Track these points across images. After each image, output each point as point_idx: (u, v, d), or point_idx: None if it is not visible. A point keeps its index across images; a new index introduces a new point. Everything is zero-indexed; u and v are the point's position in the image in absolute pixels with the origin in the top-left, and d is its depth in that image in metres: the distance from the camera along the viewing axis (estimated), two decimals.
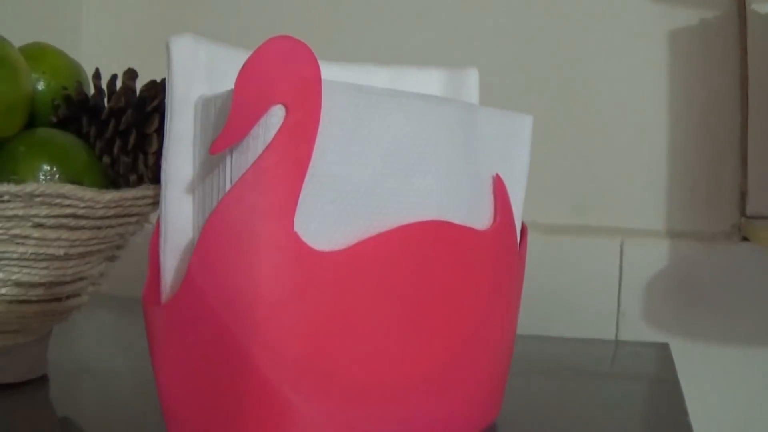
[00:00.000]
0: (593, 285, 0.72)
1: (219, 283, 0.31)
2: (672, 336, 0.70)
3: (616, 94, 0.74)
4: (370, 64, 0.44)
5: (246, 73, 0.31)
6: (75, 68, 0.46)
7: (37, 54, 0.45)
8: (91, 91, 0.46)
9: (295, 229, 0.31)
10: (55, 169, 0.39)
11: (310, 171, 0.31)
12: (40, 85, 0.45)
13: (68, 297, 0.42)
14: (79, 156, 0.40)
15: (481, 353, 0.37)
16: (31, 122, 0.43)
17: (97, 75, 0.45)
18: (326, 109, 0.31)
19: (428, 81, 0.45)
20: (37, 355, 0.45)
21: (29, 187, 0.35)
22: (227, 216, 0.31)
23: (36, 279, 0.39)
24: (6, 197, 0.35)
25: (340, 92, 0.32)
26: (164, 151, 0.34)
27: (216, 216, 0.31)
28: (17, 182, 0.35)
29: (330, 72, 0.35)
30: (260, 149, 0.31)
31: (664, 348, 0.64)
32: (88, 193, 0.37)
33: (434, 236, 0.34)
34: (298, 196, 0.31)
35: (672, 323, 0.70)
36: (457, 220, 0.35)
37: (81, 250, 0.40)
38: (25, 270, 0.39)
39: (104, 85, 0.45)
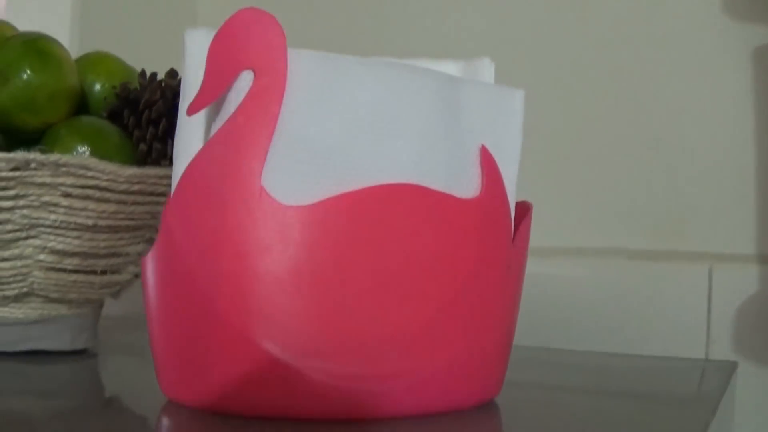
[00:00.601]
0: (680, 312, 0.70)
1: (191, 235, 0.34)
2: (763, 365, 0.66)
3: (699, 114, 0.72)
4: (385, 57, 0.47)
5: (217, 41, 0.34)
6: (128, 71, 0.52)
7: (96, 60, 0.52)
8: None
9: (264, 185, 0.33)
10: (86, 148, 0.44)
11: (279, 131, 0.34)
12: (97, 86, 0.51)
13: (103, 272, 0.47)
14: (111, 138, 0.45)
15: (465, 322, 0.37)
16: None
17: (142, 74, 0.50)
18: (293, 74, 0.34)
19: (445, 70, 0.46)
20: (80, 327, 0.50)
21: (54, 157, 0.40)
22: (199, 171, 0.34)
23: (70, 248, 0.44)
24: (33, 164, 0.40)
25: (307, 58, 0.34)
26: (176, 130, 0.38)
27: (189, 171, 0.35)
28: (44, 152, 0.40)
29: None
30: (232, 111, 0.34)
31: (730, 366, 0.60)
32: (109, 167, 0.42)
33: (406, 198, 0.35)
34: (266, 154, 0.34)
35: (764, 352, 0.67)
36: (434, 186, 0.36)
37: (110, 222, 0.44)
38: (59, 238, 0.43)
39: None
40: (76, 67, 0.47)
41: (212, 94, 0.34)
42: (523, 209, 0.41)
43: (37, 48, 0.44)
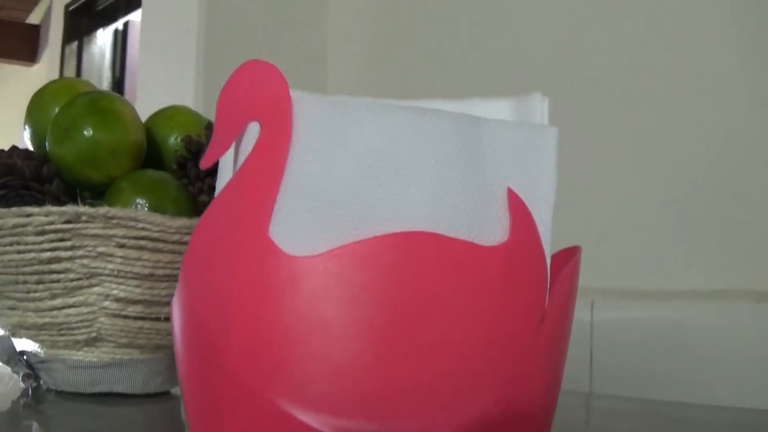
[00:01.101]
0: None
1: (204, 284, 0.34)
2: None
3: None
4: (438, 99, 0.45)
5: (224, 93, 0.35)
6: (201, 123, 0.54)
7: (171, 113, 0.54)
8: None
9: (273, 235, 0.33)
10: (144, 201, 0.45)
11: (287, 180, 0.34)
12: (171, 140, 0.53)
13: (167, 318, 0.48)
14: (170, 191, 0.47)
15: (487, 378, 0.35)
16: (162, 167, 0.52)
17: (208, 126, 0.52)
18: (299, 122, 0.34)
19: (495, 111, 0.44)
20: (154, 371, 0.52)
21: (103, 210, 0.42)
22: (212, 221, 0.35)
23: (131, 296, 0.46)
24: (85, 217, 0.42)
25: (312, 106, 0.34)
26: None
27: (204, 220, 0.35)
28: (93, 205, 0.42)
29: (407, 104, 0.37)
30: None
31: None
32: (158, 218, 0.43)
33: (419, 247, 0.34)
34: (273, 204, 0.33)
35: None
36: (453, 233, 0.34)
37: (167, 271, 0.46)
38: (121, 286, 0.45)
39: None
40: (140, 123, 0.50)
41: (222, 146, 0.35)
42: (566, 256, 0.38)
43: (99, 106, 0.47)
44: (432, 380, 0.33)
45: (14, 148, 0.48)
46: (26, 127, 0.51)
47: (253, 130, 0.35)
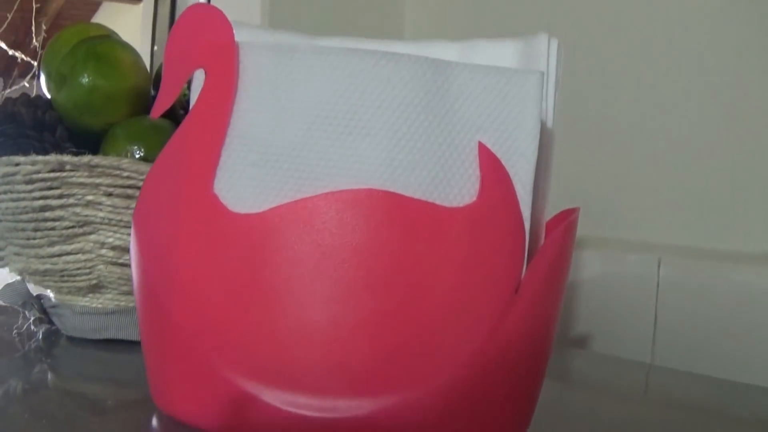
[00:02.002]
0: None
1: (149, 240, 0.33)
2: None
3: None
4: (442, 40, 0.42)
5: (171, 41, 0.33)
6: None
7: None
8: None
9: (217, 190, 0.31)
10: (137, 147, 0.44)
11: (232, 132, 0.32)
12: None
13: None
14: (162, 137, 0.45)
15: (447, 354, 0.31)
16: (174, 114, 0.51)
17: None
18: (245, 70, 0.32)
19: (501, 53, 0.40)
20: None
21: (86, 158, 0.41)
22: (159, 172, 0.33)
23: (126, 244, 0.45)
24: (68, 166, 0.41)
25: (258, 53, 0.32)
26: None
27: (150, 175, 0.34)
28: (77, 154, 0.42)
29: (397, 49, 0.34)
30: None
31: None
32: (143, 167, 0.42)
33: (371, 206, 0.30)
34: (218, 158, 0.32)
35: None
36: (410, 192, 0.31)
37: None
38: (116, 235, 0.45)
39: None
40: (143, 69, 0.48)
41: (170, 95, 0.33)
42: (563, 219, 0.34)
43: (97, 52, 0.46)
44: (381, 353, 0.31)
45: (22, 95, 0.48)
46: (42, 72, 0.51)
47: (201, 78, 0.33)
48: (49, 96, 0.49)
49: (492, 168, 0.32)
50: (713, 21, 0.64)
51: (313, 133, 0.31)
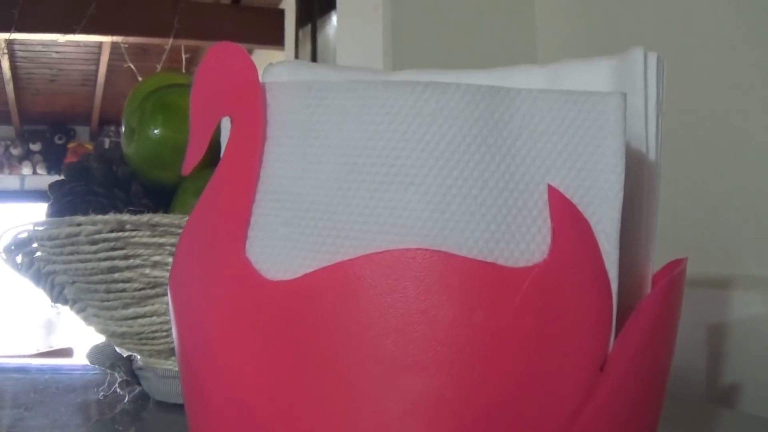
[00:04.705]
0: None
1: (184, 307, 0.30)
2: None
3: None
4: (526, 65, 0.36)
5: (196, 86, 0.29)
6: None
7: None
8: None
9: (249, 254, 0.28)
10: None
11: (262, 188, 0.28)
12: None
13: None
14: None
15: None
16: None
17: None
18: (273, 114, 0.28)
19: (594, 74, 0.34)
20: None
21: (146, 217, 0.38)
22: (190, 236, 0.30)
23: None
24: (128, 226, 0.39)
25: (285, 93, 0.28)
26: None
27: (183, 235, 0.30)
28: (135, 212, 0.39)
29: (473, 79, 0.30)
30: None
31: None
32: None
33: (419, 268, 0.25)
34: (248, 217, 0.28)
35: None
36: (466, 251, 0.25)
37: None
38: None
39: None
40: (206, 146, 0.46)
41: (200, 148, 0.29)
42: (666, 276, 0.28)
43: (166, 102, 0.43)
44: None
45: (100, 152, 0.47)
46: (123, 124, 0.50)
47: (226, 128, 0.29)
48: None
49: (566, 216, 0.26)
50: None
51: (350, 185, 0.26)
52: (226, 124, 0.29)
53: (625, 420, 0.25)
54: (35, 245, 0.44)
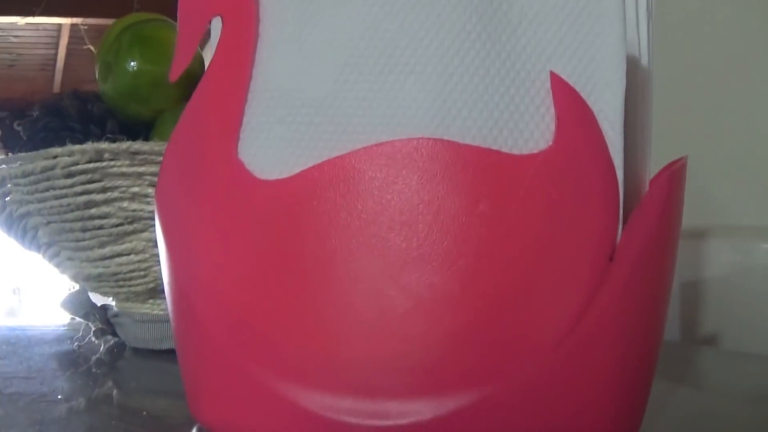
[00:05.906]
0: None
1: (171, 219, 0.29)
2: None
3: None
4: None
5: None
6: None
7: None
8: None
9: (242, 155, 0.27)
10: None
11: (255, 87, 0.27)
12: None
13: None
14: None
15: (521, 339, 0.25)
16: None
17: None
18: (266, 10, 0.27)
19: None
20: None
21: (124, 145, 0.37)
22: (178, 141, 0.29)
23: None
24: (107, 155, 0.37)
25: None
26: None
27: (171, 142, 0.29)
28: (113, 141, 0.38)
29: None
30: None
31: None
32: None
33: (423, 158, 0.24)
34: (240, 117, 0.27)
35: None
36: (469, 139, 0.25)
37: None
38: None
39: None
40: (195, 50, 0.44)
41: (188, 52, 0.28)
42: (663, 174, 0.27)
43: (143, 35, 0.42)
44: (450, 341, 0.24)
45: (73, 90, 0.46)
46: (96, 64, 0.48)
47: (218, 28, 0.28)
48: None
49: (570, 103, 0.25)
50: None
51: (347, 77, 0.26)
52: (216, 26, 0.28)
53: (636, 310, 0.25)
54: (9, 185, 0.42)
